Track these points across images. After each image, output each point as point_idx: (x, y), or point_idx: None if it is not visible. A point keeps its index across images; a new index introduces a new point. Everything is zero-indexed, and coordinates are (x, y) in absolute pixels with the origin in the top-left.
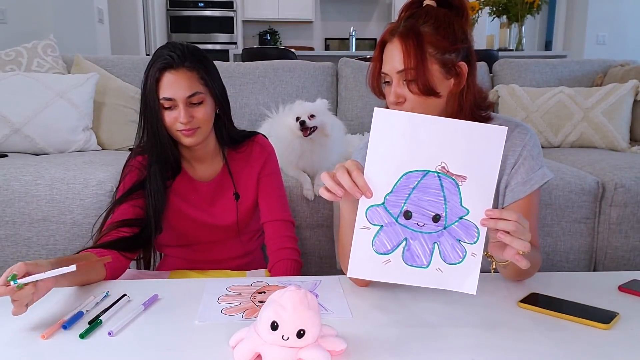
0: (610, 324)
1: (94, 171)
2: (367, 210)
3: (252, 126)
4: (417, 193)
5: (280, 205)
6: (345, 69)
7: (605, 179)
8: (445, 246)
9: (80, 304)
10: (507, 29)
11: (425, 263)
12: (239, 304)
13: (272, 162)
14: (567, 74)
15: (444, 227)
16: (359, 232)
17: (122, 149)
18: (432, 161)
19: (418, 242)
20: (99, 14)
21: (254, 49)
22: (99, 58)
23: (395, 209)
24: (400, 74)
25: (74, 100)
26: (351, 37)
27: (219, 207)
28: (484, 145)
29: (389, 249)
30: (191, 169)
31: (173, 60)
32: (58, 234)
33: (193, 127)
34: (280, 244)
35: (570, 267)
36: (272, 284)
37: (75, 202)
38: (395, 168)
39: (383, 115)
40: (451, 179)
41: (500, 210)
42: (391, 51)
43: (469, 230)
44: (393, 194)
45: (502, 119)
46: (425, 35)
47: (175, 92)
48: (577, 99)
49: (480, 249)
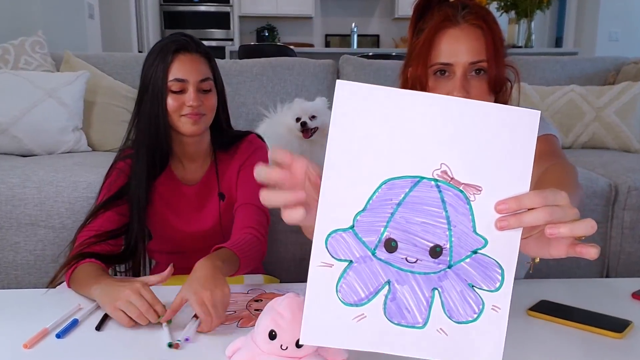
0: (623, 333)
1: (84, 173)
2: (328, 238)
3: (249, 126)
4: (405, 212)
5: (256, 193)
6: (347, 66)
7: (618, 181)
8: (450, 294)
9: (67, 311)
10: (515, 24)
11: (421, 321)
12: (233, 312)
13: (257, 156)
14: (578, 71)
15: (449, 265)
16: (315, 271)
17: (113, 150)
18: (427, 163)
19: (408, 287)
20: (89, 9)
21: (251, 45)
22: (90, 55)
23: (370, 236)
24: (472, 65)
25: (63, 99)
26: (353, 34)
27: (206, 210)
28: (508, 137)
29: (363, 298)
30: (180, 169)
31: (188, 43)
32: (47, 238)
33: (200, 112)
34: (246, 224)
35: (582, 273)
36: (270, 292)
37: (65, 206)
38: (370, 173)
39: (350, 90)
40: (457, 190)
41: (516, 197)
42: (459, 39)
43: (487, 271)
44: (367, 212)
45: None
46: (497, 29)
47: (189, 74)
48: (588, 98)
49: (507, 300)
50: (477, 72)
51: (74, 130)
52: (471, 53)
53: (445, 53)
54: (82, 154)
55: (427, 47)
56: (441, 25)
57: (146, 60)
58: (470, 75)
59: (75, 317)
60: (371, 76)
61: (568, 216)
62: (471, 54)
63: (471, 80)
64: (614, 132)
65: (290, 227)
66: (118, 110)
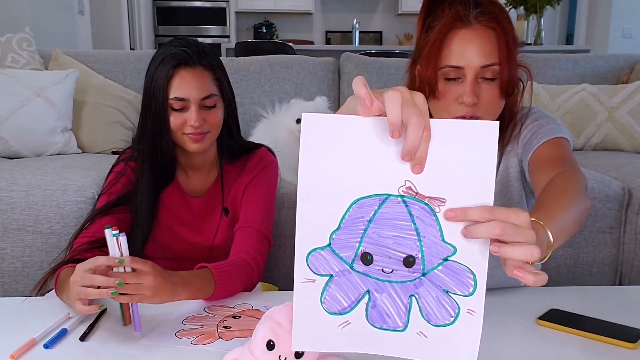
0: (637, 343)
1: (74, 176)
2: (309, 257)
3: (246, 128)
4: (376, 227)
5: (260, 216)
6: (348, 64)
7: (631, 184)
8: (427, 300)
9: (55, 320)
10: (524, 21)
11: (401, 325)
12: (201, 326)
13: (267, 173)
14: (590, 70)
15: (422, 273)
16: (300, 287)
17: (104, 152)
18: (392, 181)
19: (387, 295)
20: (79, 5)
21: (249, 42)
22: (80, 53)
23: (347, 252)
24: (484, 68)
25: (52, 98)
26: (354, 30)
27: (209, 224)
28: (468, 150)
29: (346, 307)
30: (185, 180)
31: (189, 57)
32: (34, 244)
33: (203, 131)
34: (241, 249)
35: (594, 280)
36: (255, 309)
37: (53, 210)
38: (341, 194)
39: (315, 122)
40: (423, 203)
41: (463, 208)
42: (471, 41)
43: (459, 277)
44: (341, 230)
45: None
46: (511, 30)
47: (189, 92)
48: (601, 98)
49: (480, 304)
50: (488, 75)
51: (63, 131)
52: (483, 56)
53: (455, 55)
54: (72, 156)
55: (437, 48)
56: (452, 25)
57: (149, 67)
58: (481, 79)
59: (64, 327)
60: (374, 75)
61: (520, 237)
62: (483, 57)
63: (482, 84)
64: (628, 133)
65: (289, 232)
66: (109, 110)
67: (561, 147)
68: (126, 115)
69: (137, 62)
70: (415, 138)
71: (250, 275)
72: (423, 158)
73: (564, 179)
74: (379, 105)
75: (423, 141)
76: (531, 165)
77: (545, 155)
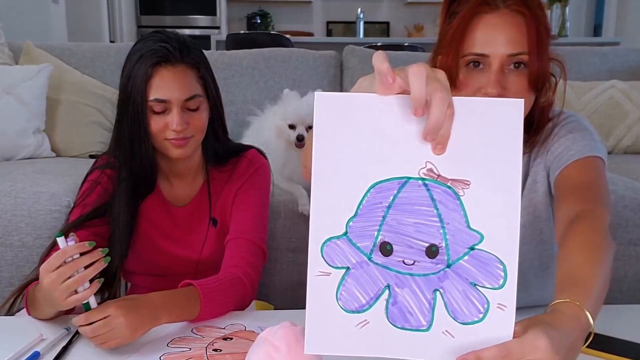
0: None
1: (48, 183)
2: (324, 247)
3: (239, 129)
4: (396, 213)
5: (252, 225)
6: (352, 58)
7: None
8: (453, 295)
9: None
10: (548, 10)
11: (425, 324)
12: (188, 349)
13: (258, 178)
14: (620, 64)
15: (447, 264)
16: (314, 281)
17: (81, 156)
18: (412, 163)
19: (409, 290)
20: None
21: (241, 34)
22: (54, 45)
23: (365, 241)
24: (511, 57)
25: (22, 96)
26: (358, 21)
27: (195, 236)
28: (493, 129)
29: (364, 304)
30: (167, 188)
31: (170, 53)
32: (3, 258)
33: (186, 135)
34: (232, 263)
35: (624, 298)
36: (250, 330)
37: (25, 220)
38: (357, 178)
39: (329, 102)
40: (445, 186)
41: (475, 351)
42: (497, 27)
43: (488, 268)
44: (359, 217)
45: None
46: (542, 17)
47: (170, 94)
48: (632, 95)
49: (512, 297)
50: (516, 65)
51: (35, 133)
52: (510, 44)
53: (480, 42)
54: (45, 160)
55: (460, 34)
56: (477, 9)
57: (125, 65)
58: (508, 69)
59: (36, 350)
60: None
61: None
62: (510, 45)
63: (509, 74)
64: None
65: (285, 244)
66: (86, 109)
67: (592, 169)
68: (105, 114)
69: (117, 55)
70: (440, 115)
71: (242, 292)
72: (446, 137)
73: (589, 227)
74: (400, 83)
75: (446, 119)
76: (557, 185)
77: (574, 177)
